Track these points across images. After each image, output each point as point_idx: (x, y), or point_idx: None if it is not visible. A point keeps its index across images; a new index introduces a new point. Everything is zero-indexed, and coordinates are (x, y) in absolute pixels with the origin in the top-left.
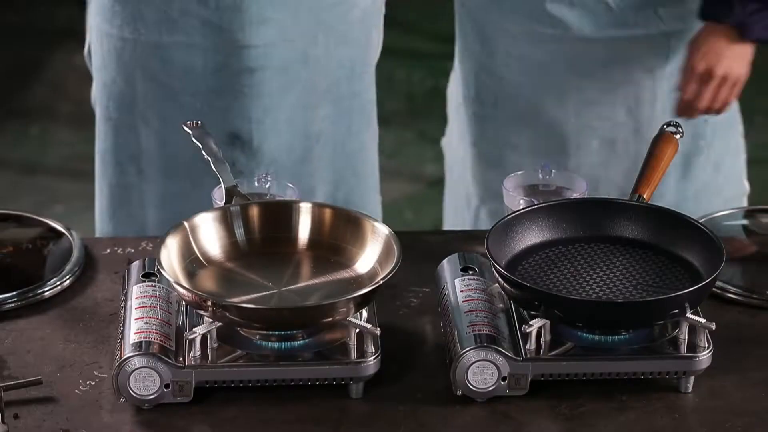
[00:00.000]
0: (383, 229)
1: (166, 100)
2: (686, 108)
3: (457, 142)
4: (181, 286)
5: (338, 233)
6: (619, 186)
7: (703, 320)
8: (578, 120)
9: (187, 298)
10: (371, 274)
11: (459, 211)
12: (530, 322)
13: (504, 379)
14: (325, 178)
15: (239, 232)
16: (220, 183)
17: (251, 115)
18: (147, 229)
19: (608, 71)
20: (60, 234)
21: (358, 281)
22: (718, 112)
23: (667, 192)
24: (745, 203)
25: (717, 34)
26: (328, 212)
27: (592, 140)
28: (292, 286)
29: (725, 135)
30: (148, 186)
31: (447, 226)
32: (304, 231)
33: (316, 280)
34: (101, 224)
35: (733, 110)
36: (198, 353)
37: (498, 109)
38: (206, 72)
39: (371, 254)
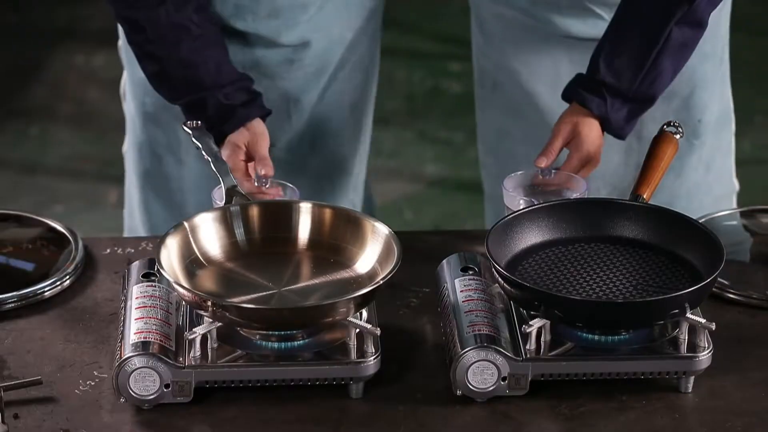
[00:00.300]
0: (383, 229)
1: None
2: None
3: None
4: (181, 286)
5: (338, 233)
6: (610, 182)
7: (703, 320)
8: None
9: (187, 298)
10: (371, 274)
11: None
12: (530, 322)
13: (504, 379)
14: (329, 173)
15: (239, 232)
16: (220, 183)
17: (289, 99)
18: (186, 213)
19: None
20: (60, 234)
21: (358, 281)
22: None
23: (660, 191)
24: (734, 201)
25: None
26: (328, 212)
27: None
28: (292, 286)
29: (718, 135)
30: (187, 173)
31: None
32: (304, 231)
33: (316, 280)
34: (133, 216)
35: (728, 109)
36: (198, 353)
37: (496, 94)
38: (244, 66)
39: (371, 254)
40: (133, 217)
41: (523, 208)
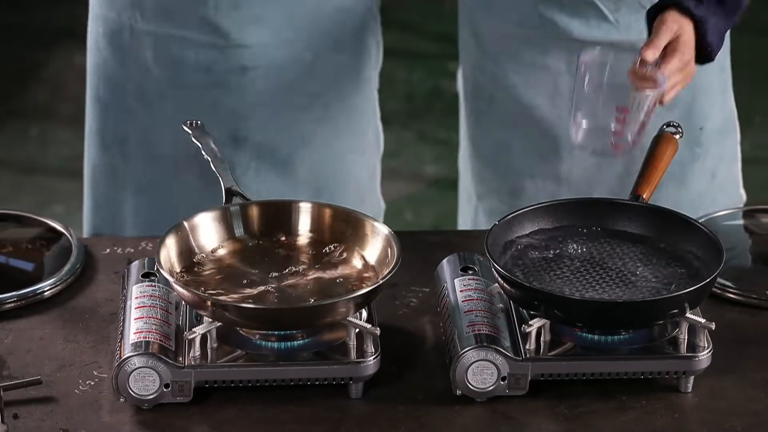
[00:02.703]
0: (383, 229)
1: (155, 89)
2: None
3: (461, 138)
4: (181, 286)
5: (338, 233)
6: (612, 190)
7: (702, 320)
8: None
9: (186, 298)
10: (371, 274)
11: (461, 208)
12: (530, 322)
13: (504, 378)
14: (308, 181)
15: (239, 232)
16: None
17: (239, 111)
18: (122, 212)
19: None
20: (60, 234)
21: (358, 281)
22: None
23: (664, 199)
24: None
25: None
26: (328, 212)
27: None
28: (292, 286)
29: (722, 142)
30: (129, 169)
31: (458, 223)
32: (303, 231)
33: (316, 280)
34: (85, 206)
35: (731, 117)
36: (198, 353)
37: (493, 108)
38: (198, 66)
39: (371, 254)
40: (86, 204)
41: (522, 208)
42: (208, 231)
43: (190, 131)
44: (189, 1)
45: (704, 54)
